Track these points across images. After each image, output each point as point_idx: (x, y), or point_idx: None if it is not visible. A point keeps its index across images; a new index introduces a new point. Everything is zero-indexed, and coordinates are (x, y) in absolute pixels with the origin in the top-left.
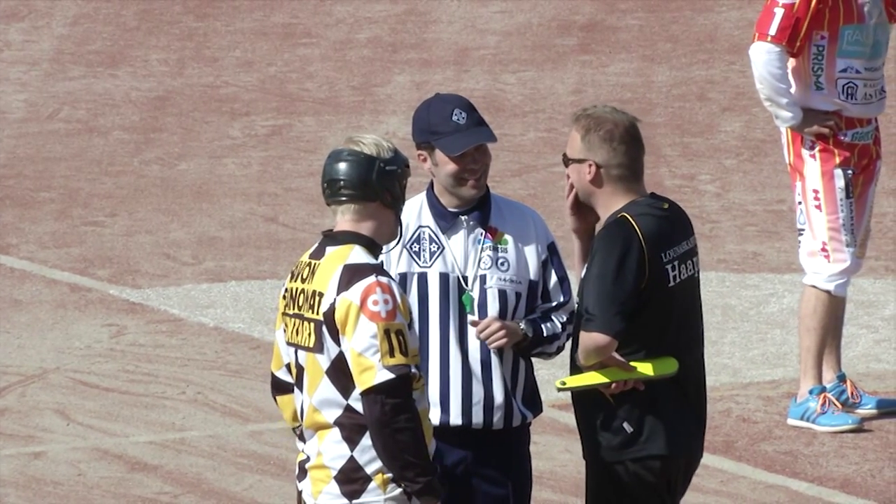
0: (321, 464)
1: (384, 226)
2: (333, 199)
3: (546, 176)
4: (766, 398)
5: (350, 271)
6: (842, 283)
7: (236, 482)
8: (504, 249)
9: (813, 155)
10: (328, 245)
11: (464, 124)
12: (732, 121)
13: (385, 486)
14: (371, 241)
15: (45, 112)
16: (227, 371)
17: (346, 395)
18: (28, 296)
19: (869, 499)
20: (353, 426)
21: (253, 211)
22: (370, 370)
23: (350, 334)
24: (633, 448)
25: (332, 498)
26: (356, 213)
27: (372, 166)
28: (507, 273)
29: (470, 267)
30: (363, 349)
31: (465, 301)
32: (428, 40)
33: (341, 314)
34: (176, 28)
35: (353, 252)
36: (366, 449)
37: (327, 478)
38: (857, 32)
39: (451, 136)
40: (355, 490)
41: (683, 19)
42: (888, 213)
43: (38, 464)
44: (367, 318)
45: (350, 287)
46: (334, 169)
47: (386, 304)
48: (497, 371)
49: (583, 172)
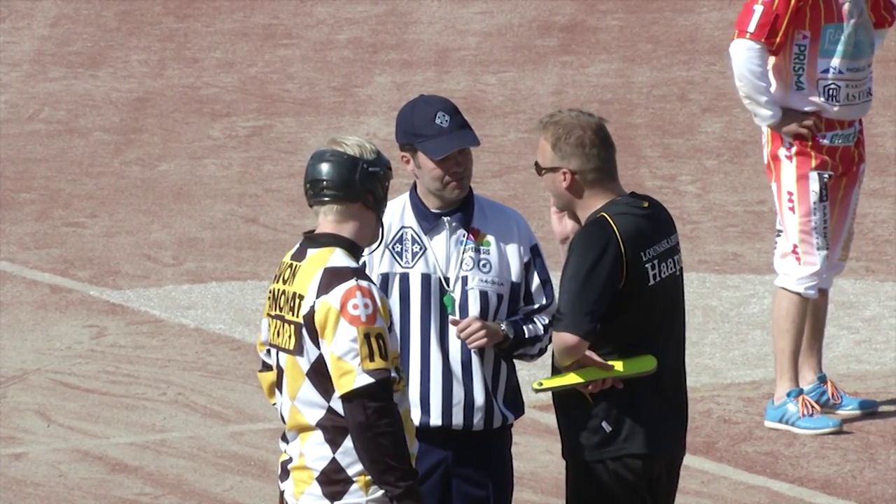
0: (303, 465)
1: (366, 228)
2: (316, 199)
3: (527, 177)
4: (747, 399)
5: (330, 274)
6: (811, 285)
7: (217, 483)
8: (486, 251)
9: (790, 156)
10: (309, 247)
11: (447, 127)
12: (713, 121)
13: (367, 487)
14: (352, 244)
15: (26, 113)
16: (207, 372)
17: (327, 397)
18: (8, 297)
19: (850, 499)
20: (336, 428)
21: (233, 212)
22: (350, 374)
23: (330, 338)
24: (612, 447)
25: (314, 499)
26: (338, 214)
27: (355, 167)
28: (489, 275)
29: (452, 268)
30: (343, 353)
31: (446, 302)
32: (408, 41)
33: (321, 317)
34: (156, 29)
35: (333, 255)
36: (348, 451)
37: (310, 479)
38: (838, 32)
39: (435, 140)
40: (337, 491)
41: (664, 20)
42: (869, 213)
43: (18, 465)
44: (347, 322)
45: (330, 290)
46: (317, 170)
47: (366, 308)
48: (478, 372)
49: (558, 181)
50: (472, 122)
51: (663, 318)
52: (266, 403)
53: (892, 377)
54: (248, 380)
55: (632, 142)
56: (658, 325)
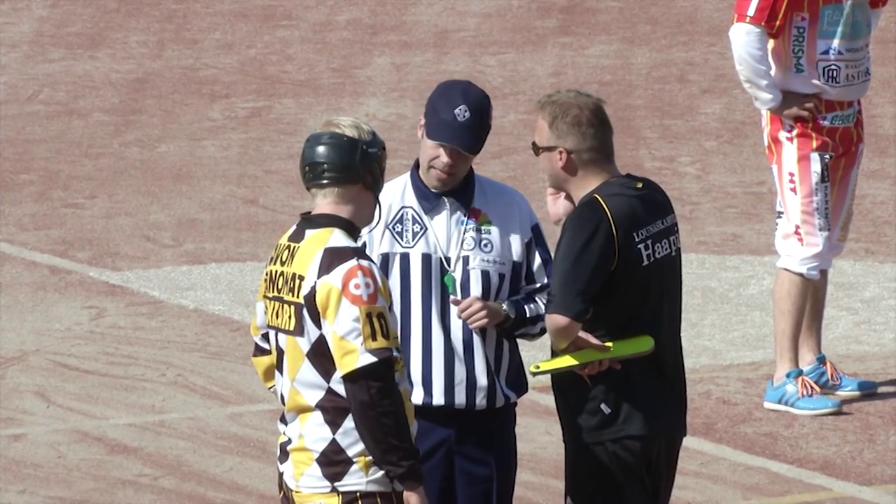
0: (303, 446)
1: (364, 208)
2: (315, 182)
3: (526, 158)
4: (746, 380)
5: (331, 255)
6: (814, 266)
7: (216, 464)
8: (487, 231)
9: (790, 138)
10: (307, 228)
11: (459, 123)
12: (712, 103)
13: (367, 468)
14: (350, 224)
15: (25, 94)
16: (207, 353)
17: (327, 378)
18: (7, 278)
19: (849, 480)
20: (336, 409)
21: (233, 193)
22: (352, 353)
23: (332, 318)
24: (612, 429)
25: (314, 480)
26: (338, 196)
27: (355, 149)
28: (491, 254)
29: (453, 248)
30: (345, 333)
31: (447, 282)
32: (408, 22)
33: (322, 298)
34: (156, 10)
35: (332, 235)
36: (348, 432)
37: (309, 460)
38: (836, 12)
39: (442, 125)
40: (337, 472)
41: (663, 1)
42: (868, 195)
43: (18, 446)
44: (349, 302)
45: (331, 271)
46: (316, 152)
47: (367, 288)
48: (480, 352)
49: (554, 160)
50: None
51: (659, 299)
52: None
53: (891, 358)
54: (247, 361)
55: (631, 123)
56: (654, 306)
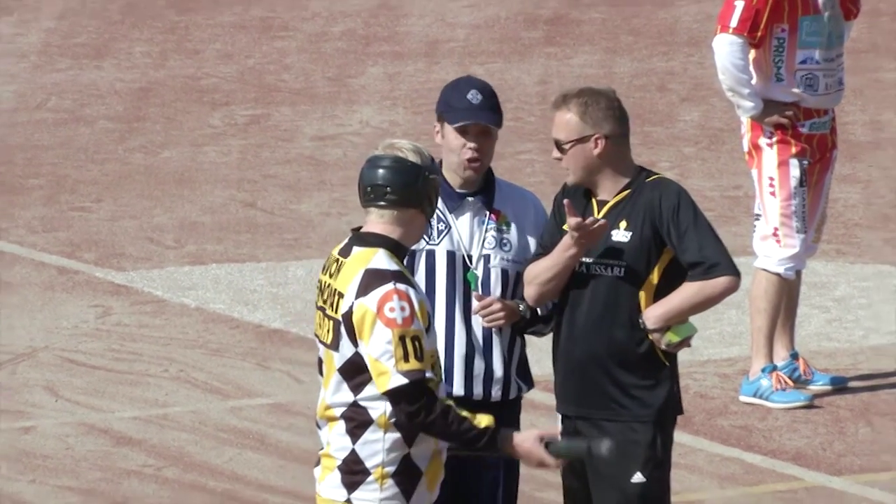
0: (328, 453)
1: (415, 231)
2: (374, 203)
3: (513, 163)
4: (723, 375)
5: (370, 276)
6: (791, 266)
7: (217, 455)
8: (507, 231)
9: (770, 144)
10: (356, 244)
11: (475, 104)
12: (691, 110)
13: (382, 481)
14: (397, 244)
15: (34, 102)
16: (208, 350)
17: (356, 392)
18: (18, 278)
19: (820, 471)
20: (358, 421)
21: (232, 197)
22: (385, 375)
23: (367, 339)
24: (676, 407)
25: (332, 487)
26: (393, 217)
27: (418, 175)
28: (510, 253)
29: (475, 246)
30: (379, 354)
31: (469, 279)
32: (400, 33)
33: (358, 319)
34: (158, 21)
35: (376, 256)
36: (367, 443)
37: (332, 467)
38: (814, 23)
39: (460, 111)
40: (354, 482)
41: (644, 13)
42: (840, 198)
43: (27, 438)
44: (383, 325)
45: (368, 293)
46: (378, 175)
47: (402, 311)
48: (497, 346)
49: (588, 149)
50: None
51: None
52: (263, 379)
53: (860, 354)
54: (246, 357)
55: None
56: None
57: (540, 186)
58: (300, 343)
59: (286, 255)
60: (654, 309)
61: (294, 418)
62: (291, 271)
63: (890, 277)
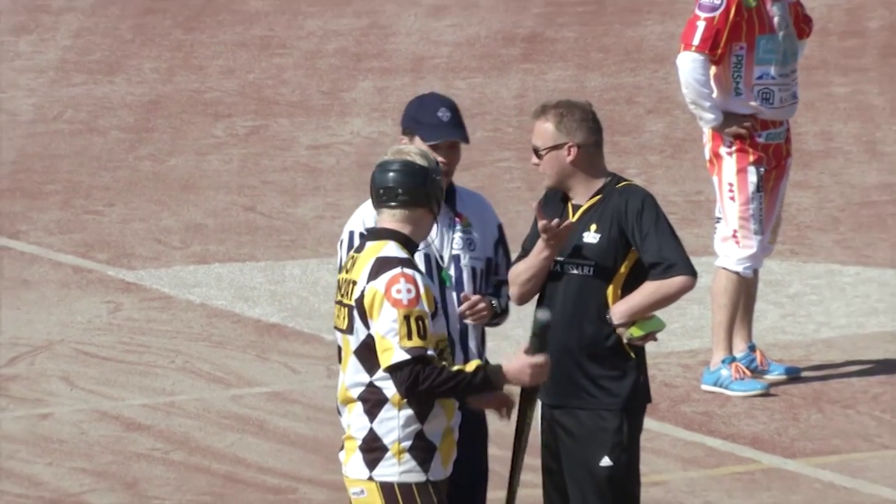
0: (350, 435)
1: (424, 228)
2: (386, 204)
3: (493, 170)
4: (686, 366)
5: (380, 262)
6: (749, 265)
7: (220, 440)
8: (469, 232)
9: (730, 153)
10: (368, 240)
11: (446, 122)
12: (656, 122)
13: (400, 455)
14: (408, 239)
15: (51, 114)
16: (211, 342)
17: (370, 373)
18: (36, 276)
19: (775, 454)
20: (374, 401)
21: (234, 201)
22: (389, 350)
23: (375, 318)
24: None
25: (357, 468)
26: (404, 216)
27: (426, 177)
28: (476, 252)
29: (445, 248)
30: (385, 332)
31: (444, 278)
32: (388, 50)
33: (369, 301)
34: (166, 40)
35: (386, 246)
36: (383, 421)
37: (354, 447)
38: (770, 42)
39: (432, 128)
40: (375, 459)
41: (613, 32)
42: (793, 203)
43: (45, 424)
44: (390, 305)
45: (378, 277)
46: (390, 178)
47: (408, 293)
48: (472, 339)
49: (562, 157)
50: None
51: None
52: (262, 370)
53: (812, 346)
54: (246, 349)
55: None
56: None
57: (517, 192)
58: (296, 336)
59: (283, 255)
60: (619, 305)
61: (291, 406)
62: (288, 270)
63: (839, 275)
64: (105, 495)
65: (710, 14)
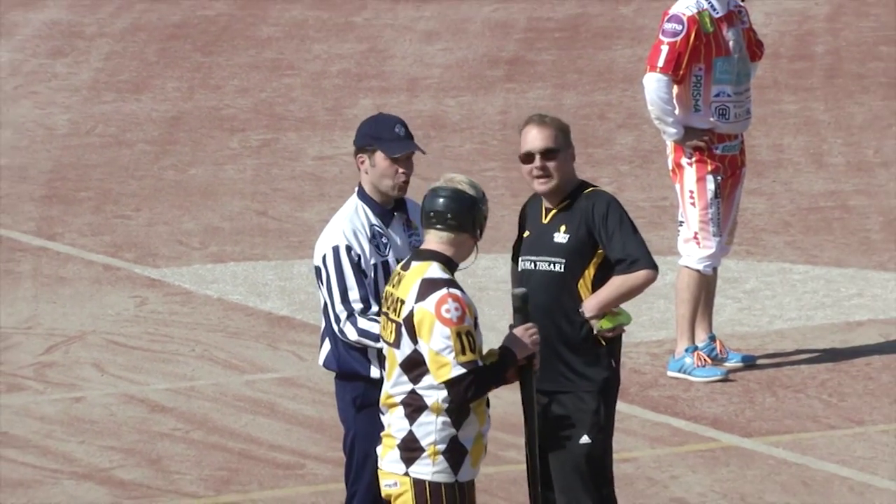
0: (389, 433)
1: (465, 251)
2: (434, 226)
3: (478, 180)
4: (653, 354)
5: (426, 284)
6: (709, 264)
7: (235, 421)
8: (417, 234)
9: (690, 163)
10: (414, 259)
11: (402, 136)
12: (626, 135)
13: (435, 457)
14: (449, 260)
15: (84, 129)
16: (227, 333)
17: (414, 382)
18: (70, 274)
19: (734, 433)
20: (415, 406)
21: (248, 207)
22: (446, 366)
23: (427, 337)
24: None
25: (392, 462)
26: (449, 239)
27: (474, 206)
28: None
29: (405, 252)
30: (440, 349)
31: None
32: (386, 72)
33: (418, 321)
34: (187, 62)
35: (430, 268)
36: (422, 425)
37: (392, 445)
38: (726, 63)
39: (393, 143)
40: (411, 457)
41: (587, 55)
42: (748, 208)
43: (78, 406)
44: (442, 324)
45: (426, 298)
46: (440, 203)
47: (457, 311)
48: None
49: (569, 159)
50: (434, 136)
51: None
52: (273, 357)
53: (766, 337)
54: (259, 339)
55: None
56: None
57: (501, 198)
58: (304, 328)
59: (292, 255)
60: (590, 300)
61: (299, 390)
62: (296, 268)
63: (790, 273)
64: (132, 470)
65: (673, 39)
